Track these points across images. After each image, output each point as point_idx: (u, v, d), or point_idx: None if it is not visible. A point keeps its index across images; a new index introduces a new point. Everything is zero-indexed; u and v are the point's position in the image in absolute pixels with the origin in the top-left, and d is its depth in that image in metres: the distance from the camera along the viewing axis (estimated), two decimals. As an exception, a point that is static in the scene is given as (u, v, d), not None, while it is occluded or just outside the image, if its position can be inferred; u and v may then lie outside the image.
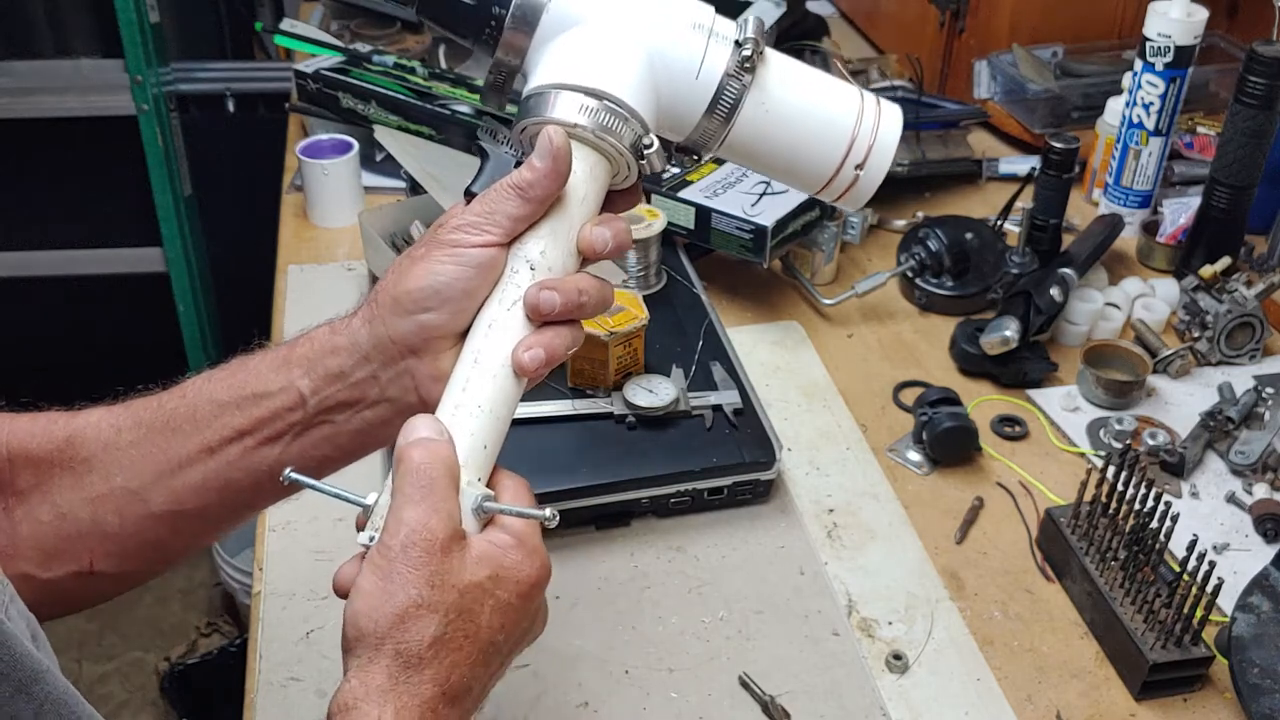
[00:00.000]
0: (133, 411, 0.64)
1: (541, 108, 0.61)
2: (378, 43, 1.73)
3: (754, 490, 1.03)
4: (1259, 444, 1.10)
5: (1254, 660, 0.85)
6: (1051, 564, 0.99)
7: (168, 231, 2.33)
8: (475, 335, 0.60)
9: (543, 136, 0.59)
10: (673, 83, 0.63)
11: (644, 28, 0.62)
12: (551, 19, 0.62)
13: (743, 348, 1.19)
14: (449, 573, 0.54)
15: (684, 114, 0.64)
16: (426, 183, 1.24)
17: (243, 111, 2.36)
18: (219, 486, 0.63)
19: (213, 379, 0.64)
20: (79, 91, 2.23)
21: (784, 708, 0.86)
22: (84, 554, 0.64)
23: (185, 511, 0.64)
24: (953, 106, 1.61)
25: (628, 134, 0.61)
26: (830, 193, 0.68)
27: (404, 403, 0.62)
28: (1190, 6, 1.32)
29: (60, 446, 0.63)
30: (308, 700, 0.86)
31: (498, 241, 0.60)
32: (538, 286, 0.59)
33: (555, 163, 0.59)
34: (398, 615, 0.53)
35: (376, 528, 0.56)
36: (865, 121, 0.66)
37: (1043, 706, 0.88)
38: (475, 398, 0.58)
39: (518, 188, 0.59)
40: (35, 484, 0.63)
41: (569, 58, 0.61)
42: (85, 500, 0.63)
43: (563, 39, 0.62)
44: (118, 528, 0.63)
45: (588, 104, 0.60)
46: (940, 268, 1.32)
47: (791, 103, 0.65)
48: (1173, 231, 1.40)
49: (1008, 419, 1.17)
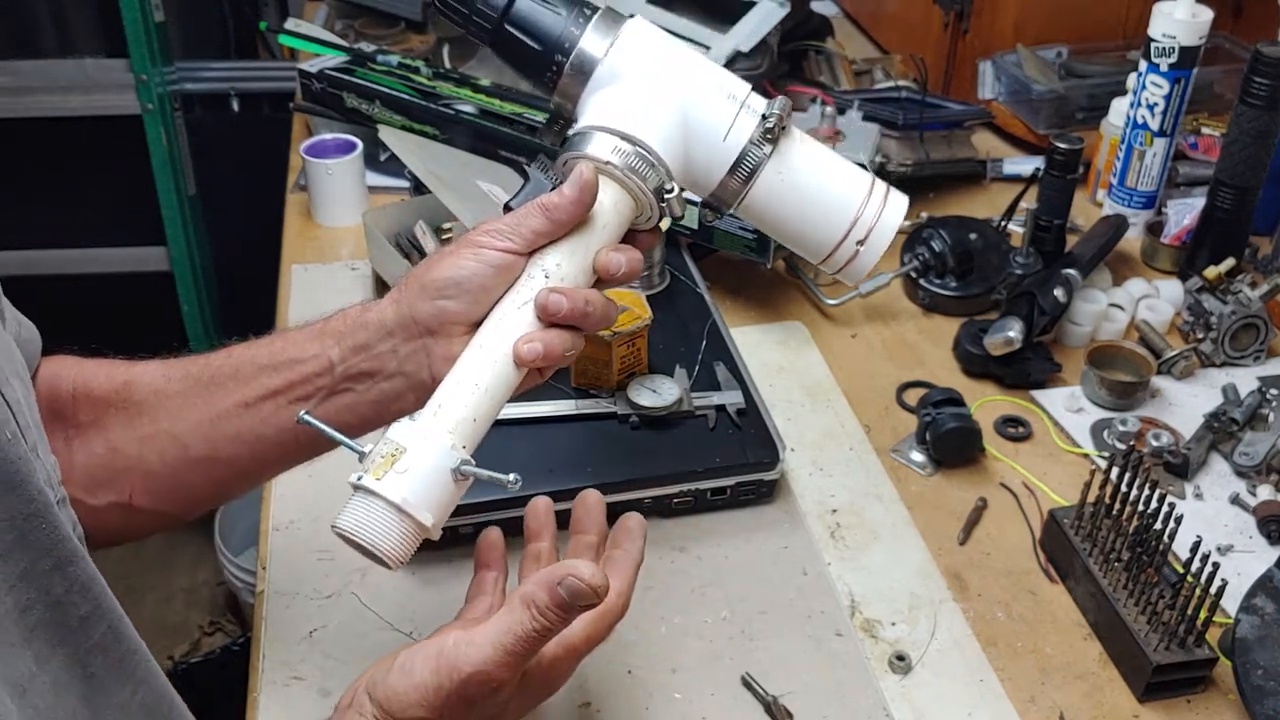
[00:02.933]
0: (183, 365, 0.73)
1: (581, 145, 0.69)
2: (382, 42, 1.73)
3: (757, 490, 1.03)
4: (1263, 445, 1.10)
5: (1258, 662, 0.85)
6: (1055, 565, 0.99)
7: (172, 231, 2.33)
8: (486, 326, 0.67)
9: (576, 169, 0.67)
10: (701, 141, 0.71)
11: (683, 90, 0.71)
12: (604, 71, 0.70)
13: (746, 348, 1.19)
14: (483, 708, 0.62)
15: (709, 171, 0.72)
16: (430, 182, 1.24)
17: (247, 111, 2.37)
18: (251, 440, 0.71)
19: (255, 345, 0.72)
20: (83, 91, 2.24)
21: (787, 708, 0.86)
22: (126, 487, 0.72)
23: (218, 459, 0.71)
24: (957, 107, 1.61)
25: (653, 178, 0.70)
26: (832, 264, 0.75)
27: (417, 378, 0.69)
28: (1195, 7, 1.32)
29: (118, 389, 0.72)
30: (310, 699, 0.86)
31: (518, 250, 0.67)
32: (548, 290, 0.67)
33: (581, 192, 0.66)
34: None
35: (366, 470, 0.62)
36: (872, 203, 0.73)
37: (1046, 708, 0.88)
38: (475, 377, 0.65)
39: (545, 207, 0.67)
40: (93, 420, 0.72)
41: (613, 106, 0.70)
42: (134, 439, 0.71)
43: (611, 89, 0.71)
44: (158, 466, 0.71)
45: (621, 146, 0.69)
46: (944, 268, 1.32)
47: (807, 175, 0.72)
48: (1177, 232, 1.40)
49: (1011, 420, 1.16)
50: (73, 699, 0.54)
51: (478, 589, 0.74)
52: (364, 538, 0.62)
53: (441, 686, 0.60)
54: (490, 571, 0.74)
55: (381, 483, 0.61)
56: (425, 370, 0.68)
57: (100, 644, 0.56)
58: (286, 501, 1.02)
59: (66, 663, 0.54)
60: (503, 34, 0.72)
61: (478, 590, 0.74)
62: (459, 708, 0.61)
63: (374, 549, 0.62)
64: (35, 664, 0.51)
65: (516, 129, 1.41)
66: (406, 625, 0.91)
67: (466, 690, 0.60)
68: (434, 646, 0.62)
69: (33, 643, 0.51)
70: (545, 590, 0.60)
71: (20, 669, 0.50)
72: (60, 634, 0.53)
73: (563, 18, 0.71)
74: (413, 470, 0.62)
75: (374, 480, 0.61)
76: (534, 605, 0.60)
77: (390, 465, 0.61)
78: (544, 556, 0.74)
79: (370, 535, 0.61)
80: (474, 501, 0.95)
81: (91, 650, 0.55)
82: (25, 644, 0.51)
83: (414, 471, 0.62)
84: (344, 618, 0.92)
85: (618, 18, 0.72)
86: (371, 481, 0.61)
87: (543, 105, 1.48)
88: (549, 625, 0.60)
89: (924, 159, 1.52)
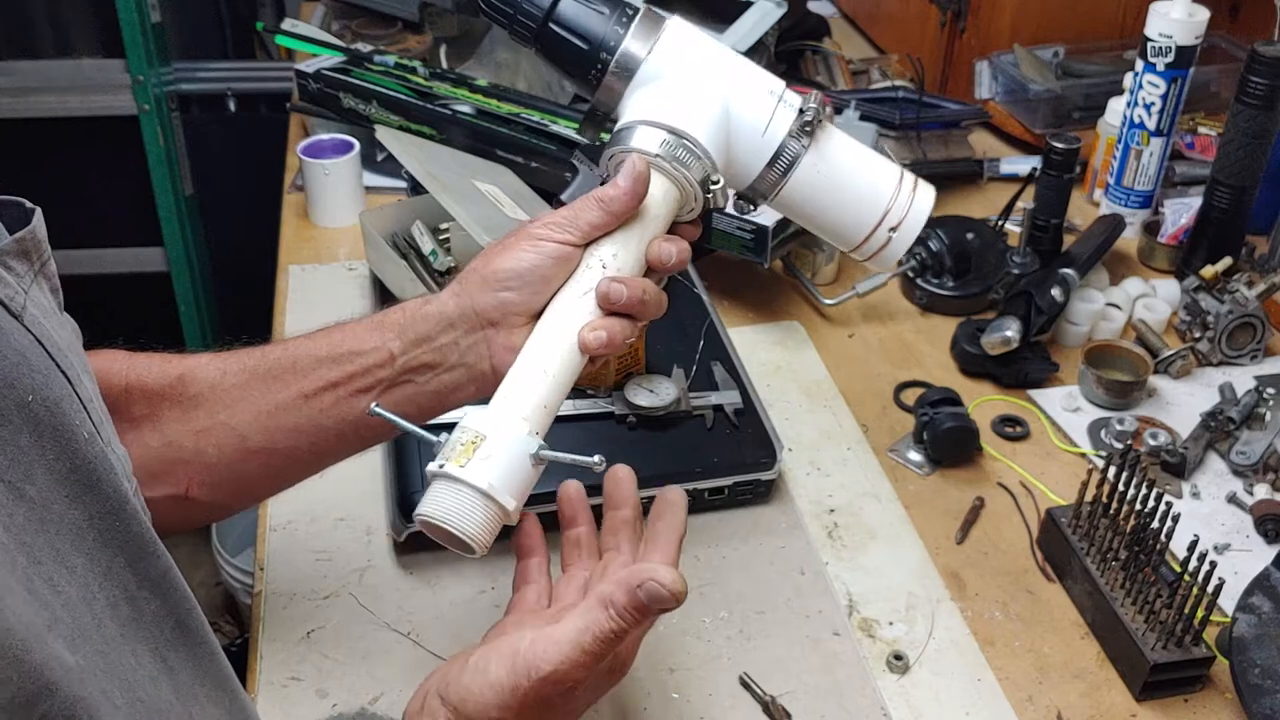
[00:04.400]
0: (238, 358, 0.73)
1: (627, 139, 0.72)
2: (379, 42, 1.73)
3: (755, 490, 1.03)
4: (1260, 444, 1.10)
5: (1255, 661, 0.85)
6: (1052, 564, 0.99)
7: (169, 231, 2.33)
8: (549, 315, 0.70)
9: (629, 162, 0.69)
10: (741, 135, 0.74)
11: (724, 86, 0.73)
12: (648, 70, 0.73)
13: (744, 348, 1.19)
14: (557, 706, 0.62)
15: (748, 164, 0.75)
16: (428, 183, 1.24)
17: (244, 111, 2.37)
18: (310, 430, 0.72)
19: (312, 337, 0.73)
20: (80, 91, 2.24)
21: (785, 708, 0.86)
22: (183, 479, 0.72)
23: (277, 450, 0.73)
24: (954, 107, 1.61)
25: (698, 169, 0.72)
26: (864, 251, 0.79)
27: (478, 370, 0.71)
28: (1192, 7, 1.32)
29: (172, 383, 0.72)
30: (308, 700, 0.86)
31: (575, 241, 0.69)
32: (609, 279, 0.69)
33: (635, 184, 0.69)
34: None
35: (447, 458, 0.63)
36: (903, 192, 0.77)
37: (1043, 707, 0.88)
38: (543, 364, 0.68)
39: (600, 200, 0.69)
40: (147, 414, 0.72)
41: (657, 101, 0.72)
42: (190, 432, 0.72)
43: (654, 86, 0.73)
44: (216, 459, 0.72)
45: (668, 139, 0.71)
46: (941, 268, 1.32)
47: (841, 167, 0.76)
48: (1174, 232, 1.40)
49: (1008, 419, 1.17)
50: (166, 692, 0.54)
51: (523, 578, 0.74)
52: (451, 524, 0.62)
53: (519, 686, 0.60)
54: (534, 558, 0.74)
55: (466, 469, 0.62)
56: (486, 361, 0.70)
57: (172, 639, 0.56)
58: (284, 502, 1.02)
59: (153, 657, 0.54)
60: (547, 33, 0.73)
61: (523, 579, 0.74)
62: (535, 707, 0.61)
63: (461, 534, 0.63)
64: (133, 658, 0.52)
65: (514, 129, 1.41)
66: (405, 625, 0.91)
67: (544, 690, 0.60)
68: (509, 646, 0.62)
69: (127, 639, 0.52)
70: (625, 592, 0.60)
71: (122, 664, 0.51)
72: (142, 630, 0.54)
73: (606, 17, 0.73)
74: (494, 456, 0.63)
75: (457, 468, 0.62)
76: (613, 606, 0.60)
77: (472, 452, 0.63)
78: (584, 542, 0.75)
79: (457, 521, 0.62)
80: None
81: (168, 645, 0.56)
82: (122, 639, 0.51)
83: (496, 458, 0.63)
84: (342, 618, 0.92)
85: (659, 17, 0.74)
86: (455, 469, 0.62)
87: (541, 106, 1.48)
88: (625, 627, 0.61)
89: (921, 159, 1.52)
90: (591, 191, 0.69)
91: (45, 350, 0.51)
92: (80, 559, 0.50)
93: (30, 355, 0.50)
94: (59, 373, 0.51)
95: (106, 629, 0.51)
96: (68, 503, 0.50)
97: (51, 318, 0.55)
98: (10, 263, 0.53)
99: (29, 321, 0.51)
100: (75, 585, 0.49)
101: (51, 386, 0.50)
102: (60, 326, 0.56)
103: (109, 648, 0.50)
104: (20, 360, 0.49)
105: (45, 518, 0.48)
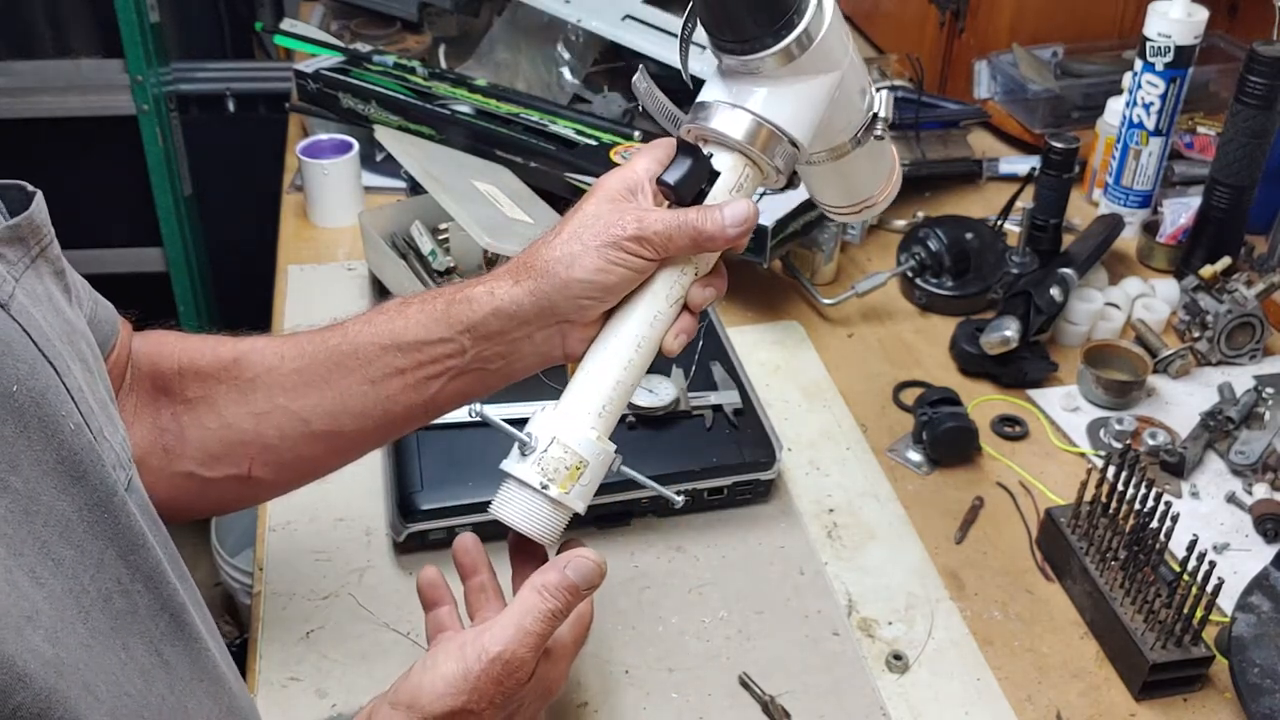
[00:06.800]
0: (296, 343, 0.73)
1: (737, 129, 0.67)
2: (378, 43, 1.73)
3: (754, 490, 1.03)
4: (1259, 444, 1.10)
5: (1254, 660, 0.85)
6: (1052, 564, 1.00)
7: (168, 231, 2.33)
8: (635, 322, 0.69)
9: (743, 210, 0.67)
10: (829, 128, 0.71)
11: (839, 86, 0.69)
12: (808, 59, 0.66)
13: (743, 348, 1.19)
14: (508, 695, 0.63)
15: (809, 148, 0.71)
16: (427, 183, 1.24)
17: (243, 111, 2.37)
18: (377, 414, 0.72)
19: (370, 323, 0.72)
20: (79, 91, 2.24)
21: (784, 708, 0.86)
22: (244, 460, 0.72)
23: (342, 433, 0.72)
24: (953, 106, 1.61)
25: (785, 160, 0.69)
26: (835, 216, 0.85)
27: (550, 356, 0.72)
28: (1190, 6, 1.32)
29: (227, 365, 0.72)
30: (308, 700, 0.86)
31: (662, 259, 0.69)
32: (699, 286, 0.70)
33: (740, 235, 0.68)
34: (449, 711, 0.61)
35: (551, 479, 0.67)
36: (891, 184, 0.82)
37: (1043, 706, 0.88)
38: (621, 377, 0.69)
39: (698, 237, 0.67)
40: (202, 395, 0.72)
41: (785, 99, 0.67)
42: (249, 414, 0.72)
43: (795, 81, 0.67)
44: (278, 441, 0.72)
45: (785, 150, 0.68)
46: (940, 268, 1.32)
47: (864, 167, 0.78)
48: (1173, 231, 1.40)
49: (1008, 419, 1.17)
50: (160, 687, 0.55)
51: (437, 627, 0.73)
52: (545, 539, 0.68)
53: (470, 670, 0.61)
54: (443, 607, 0.74)
55: (569, 495, 0.67)
56: (558, 349, 0.71)
57: (168, 634, 0.57)
58: (284, 502, 1.01)
59: (148, 651, 0.54)
60: None
61: (437, 629, 0.73)
62: (488, 689, 0.62)
63: (543, 542, 0.69)
64: (124, 652, 0.52)
65: (513, 129, 1.41)
66: (403, 626, 0.91)
67: (494, 670, 0.61)
68: (454, 642, 0.63)
69: (118, 632, 0.52)
70: (554, 572, 0.64)
71: (108, 658, 0.51)
72: (137, 624, 0.54)
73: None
74: (591, 483, 0.69)
75: (561, 492, 0.67)
76: (545, 589, 0.63)
77: (576, 478, 0.67)
78: (488, 586, 0.74)
79: (549, 535, 0.68)
80: (471, 502, 0.95)
81: (164, 639, 0.56)
82: (112, 633, 0.51)
83: (592, 484, 0.69)
84: (341, 618, 0.92)
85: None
86: (558, 493, 0.67)
87: (540, 106, 1.48)
88: (560, 605, 0.63)
89: (920, 158, 1.52)
90: (691, 224, 0.67)
91: (31, 340, 0.51)
92: (69, 551, 0.50)
93: (15, 345, 0.49)
94: (46, 363, 0.51)
95: (95, 622, 0.50)
96: (55, 494, 0.50)
97: (43, 305, 0.55)
98: (1, 250, 0.53)
99: (15, 311, 0.51)
100: (62, 578, 0.49)
101: (37, 376, 0.50)
102: (55, 314, 0.56)
103: (95, 641, 0.50)
104: (4, 350, 0.48)
105: (31, 509, 0.48)
